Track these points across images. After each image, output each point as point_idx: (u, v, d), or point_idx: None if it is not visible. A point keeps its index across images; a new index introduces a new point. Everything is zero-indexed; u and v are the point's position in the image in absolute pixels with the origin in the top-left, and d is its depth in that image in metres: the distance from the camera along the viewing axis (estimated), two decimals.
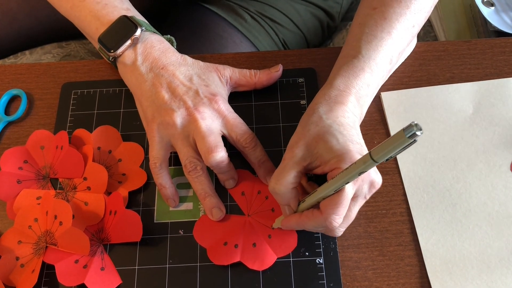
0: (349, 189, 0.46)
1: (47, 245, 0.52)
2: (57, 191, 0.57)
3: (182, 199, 0.56)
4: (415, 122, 0.36)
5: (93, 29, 0.59)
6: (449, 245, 0.53)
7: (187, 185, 0.57)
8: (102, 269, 0.52)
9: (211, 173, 0.56)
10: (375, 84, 0.55)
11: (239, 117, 0.56)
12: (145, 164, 0.58)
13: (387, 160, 0.41)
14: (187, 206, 0.56)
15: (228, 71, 0.59)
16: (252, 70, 0.60)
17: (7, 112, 0.63)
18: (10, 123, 0.62)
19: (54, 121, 0.62)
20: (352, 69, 0.53)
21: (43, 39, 0.85)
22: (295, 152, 0.49)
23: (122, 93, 0.63)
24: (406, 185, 0.56)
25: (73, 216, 0.53)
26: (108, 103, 0.62)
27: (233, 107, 0.57)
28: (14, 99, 0.64)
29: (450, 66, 0.63)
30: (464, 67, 0.63)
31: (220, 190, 0.56)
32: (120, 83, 0.61)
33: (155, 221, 0.55)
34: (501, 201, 0.55)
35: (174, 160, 0.58)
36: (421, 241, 0.53)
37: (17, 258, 0.53)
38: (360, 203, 0.49)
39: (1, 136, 0.62)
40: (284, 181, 0.49)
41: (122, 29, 0.57)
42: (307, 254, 0.53)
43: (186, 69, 0.57)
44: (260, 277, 0.52)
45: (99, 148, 0.59)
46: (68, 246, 0.52)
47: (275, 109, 0.61)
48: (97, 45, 0.59)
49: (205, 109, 0.54)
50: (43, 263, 0.52)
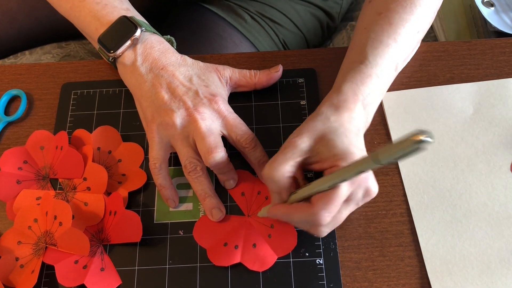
0: (344, 188, 0.46)
1: (47, 246, 0.52)
2: (57, 192, 0.57)
3: (182, 200, 0.56)
4: (426, 130, 0.35)
5: (93, 30, 0.59)
6: (449, 246, 0.53)
7: (187, 186, 0.57)
8: (102, 270, 0.52)
9: (211, 174, 0.56)
10: (381, 92, 0.55)
11: (239, 118, 0.56)
12: (145, 165, 0.58)
13: (389, 164, 0.41)
14: (187, 207, 0.56)
15: (228, 72, 0.59)
16: (252, 71, 0.60)
17: (7, 113, 0.63)
18: (10, 124, 0.62)
19: (54, 122, 0.61)
20: (360, 75, 0.53)
21: (43, 39, 0.85)
22: (298, 143, 0.49)
23: (122, 94, 0.63)
24: (406, 186, 0.56)
25: (73, 217, 0.53)
26: (108, 104, 0.62)
27: (233, 108, 0.57)
28: (14, 100, 0.64)
29: (450, 67, 0.63)
30: (464, 68, 0.63)
31: (220, 191, 0.56)
32: (120, 84, 0.61)
33: (155, 222, 0.55)
34: (501, 202, 0.55)
35: (174, 161, 0.58)
36: (421, 242, 0.53)
37: (17, 259, 0.53)
38: (351, 209, 0.49)
39: (1, 137, 0.61)
40: (281, 168, 0.48)
41: (122, 30, 0.57)
42: (307, 255, 0.53)
43: (186, 70, 0.57)
44: (260, 278, 0.52)
45: (99, 149, 0.59)
46: (68, 247, 0.52)
47: (275, 110, 0.61)
48: (97, 46, 0.59)
49: (205, 110, 0.54)
50: (43, 264, 0.52)
